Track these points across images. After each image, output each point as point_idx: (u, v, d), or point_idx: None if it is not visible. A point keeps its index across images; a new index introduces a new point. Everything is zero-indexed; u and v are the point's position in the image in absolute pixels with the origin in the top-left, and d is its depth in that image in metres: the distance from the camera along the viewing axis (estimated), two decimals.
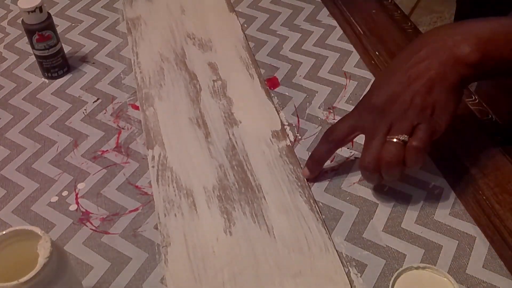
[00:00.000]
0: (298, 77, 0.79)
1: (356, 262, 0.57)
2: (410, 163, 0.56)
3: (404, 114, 0.56)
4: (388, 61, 0.80)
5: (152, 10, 0.92)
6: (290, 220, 0.60)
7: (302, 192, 0.63)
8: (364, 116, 0.59)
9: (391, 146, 0.56)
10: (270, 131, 0.71)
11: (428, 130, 0.56)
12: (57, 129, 0.73)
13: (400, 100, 0.56)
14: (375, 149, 0.57)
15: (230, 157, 0.67)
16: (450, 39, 0.56)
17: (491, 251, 0.57)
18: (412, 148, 0.55)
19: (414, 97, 0.56)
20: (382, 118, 0.57)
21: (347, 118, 0.61)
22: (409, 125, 0.56)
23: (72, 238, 0.60)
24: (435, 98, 0.56)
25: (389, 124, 0.57)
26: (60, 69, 0.80)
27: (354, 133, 0.61)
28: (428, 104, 0.56)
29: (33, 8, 0.73)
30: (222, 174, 0.66)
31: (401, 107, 0.56)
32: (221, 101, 0.75)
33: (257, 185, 0.64)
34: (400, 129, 0.56)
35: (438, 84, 0.56)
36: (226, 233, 0.60)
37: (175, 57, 0.83)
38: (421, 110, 0.56)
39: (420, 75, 0.56)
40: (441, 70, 0.56)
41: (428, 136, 0.56)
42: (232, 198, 0.63)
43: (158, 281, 0.56)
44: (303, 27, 0.88)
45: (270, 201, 0.62)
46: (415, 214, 0.60)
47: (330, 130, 0.62)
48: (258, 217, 0.61)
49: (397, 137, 0.56)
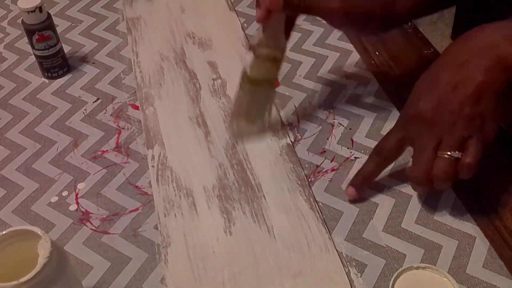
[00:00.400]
0: (298, 77, 0.79)
1: (356, 262, 0.57)
2: (463, 177, 0.55)
3: (453, 127, 0.54)
4: (388, 61, 0.80)
5: (152, 10, 0.92)
6: (290, 220, 0.60)
7: (302, 191, 0.63)
8: (410, 128, 0.57)
9: (443, 163, 0.54)
10: (269, 129, 0.71)
11: (480, 143, 0.54)
12: (57, 129, 0.73)
13: (448, 110, 0.54)
14: (425, 163, 0.55)
15: (230, 156, 0.67)
16: (494, 43, 0.54)
17: (491, 251, 0.57)
18: (466, 165, 0.54)
19: (462, 107, 0.54)
20: (430, 130, 0.55)
21: (394, 132, 0.60)
22: (459, 139, 0.54)
23: (72, 238, 0.60)
24: (484, 107, 0.54)
25: (439, 137, 0.55)
26: (60, 69, 0.80)
27: (404, 146, 0.59)
28: (477, 115, 0.54)
29: (33, 8, 0.73)
30: (222, 173, 0.66)
31: (449, 119, 0.54)
32: (221, 100, 0.75)
33: (257, 184, 0.64)
34: (451, 144, 0.54)
35: (486, 92, 0.53)
36: (226, 233, 0.60)
37: (175, 56, 0.83)
38: (471, 121, 0.54)
39: (466, 83, 0.54)
40: (488, 77, 0.53)
41: (481, 150, 0.54)
42: (232, 197, 0.63)
43: (158, 281, 0.56)
44: (303, 26, 0.88)
45: (270, 201, 0.62)
46: (415, 214, 0.60)
47: (380, 147, 0.60)
48: (258, 217, 0.61)
49: (449, 153, 0.54)
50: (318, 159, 0.67)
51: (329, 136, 0.70)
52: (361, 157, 0.67)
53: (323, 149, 0.68)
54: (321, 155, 0.67)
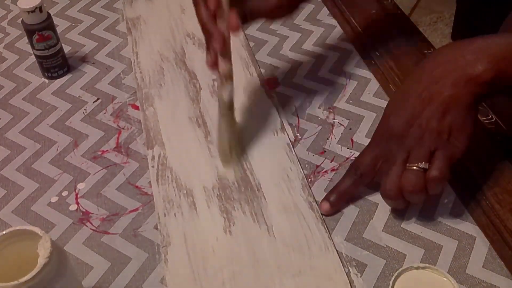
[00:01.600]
0: (298, 77, 0.79)
1: (356, 262, 0.57)
2: (431, 191, 0.56)
3: (421, 140, 0.56)
4: (388, 61, 0.80)
5: (152, 10, 0.92)
6: (289, 219, 0.60)
7: (301, 191, 0.63)
8: (382, 144, 0.59)
9: (411, 175, 0.55)
10: (269, 129, 0.71)
11: (446, 157, 0.55)
12: (57, 129, 0.73)
13: (416, 125, 0.56)
14: (395, 176, 0.56)
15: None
16: (462, 59, 0.55)
17: (491, 251, 0.57)
18: (431, 178, 0.55)
19: (429, 121, 0.55)
20: (400, 145, 0.57)
21: (368, 149, 0.60)
22: (426, 152, 0.55)
23: (72, 238, 0.60)
24: (451, 121, 0.55)
25: (407, 151, 0.56)
26: (60, 69, 0.80)
27: (378, 163, 0.59)
28: (444, 128, 0.55)
29: (33, 8, 0.73)
30: (222, 173, 0.66)
31: (417, 132, 0.56)
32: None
33: (256, 184, 0.64)
34: (418, 157, 0.55)
35: (452, 106, 0.55)
36: (226, 232, 0.60)
37: (175, 56, 0.83)
38: (437, 134, 0.55)
39: (433, 98, 0.55)
40: (454, 91, 0.55)
41: (446, 164, 0.55)
42: (232, 197, 0.63)
43: (158, 281, 0.56)
44: (303, 26, 0.88)
45: (269, 200, 0.62)
46: (415, 214, 0.60)
47: (356, 164, 0.60)
48: (257, 216, 0.61)
49: (417, 165, 0.55)
50: (318, 159, 0.67)
51: (329, 136, 0.70)
52: None
53: (323, 149, 0.68)
54: (321, 155, 0.67)
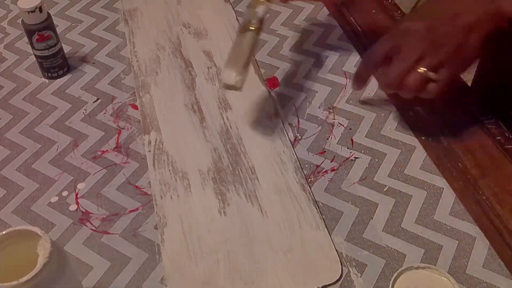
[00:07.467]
0: (298, 77, 0.79)
1: (356, 262, 0.57)
2: (425, 95, 0.61)
3: (438, 50, 0.59)
4: None
5: (149, 1, 0.94)
6: (282, 200, 0.62)
7: (294, 173, 0.65)
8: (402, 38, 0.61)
9: (417, 76, 0.59)
10: (263, 114, 0.72)
11: (453, 74, 0.60)
12: (57, 129, 0.73)
13: (441, 32, 0.59)
14: (402, 70, 0.60)
15: (224, 141, 0.69)
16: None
17: (491, 251, 0.57)
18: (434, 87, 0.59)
19: (452, 37, 0.59)
20: (418, 44, 0.59)
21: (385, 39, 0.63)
22: (440, 62, 0.59)
23: (72, 238, 0.60)
24: (470, 43, 0.58)
25: (422, 52, 0.59)
26: (60, 69, 0.80)
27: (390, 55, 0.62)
28: (462, 49, 0.58)
29: (33, 8, 0.73)
30: (216, 157, 0.67)
31: (439, 41, 0.59)
32: (215, 87, 0.76)
33: (250, 167, 0.66)
34: (431, 64, 0.59)
35: (476, 31, 0.58)
36: (220, 213, 0.61)
37: (171, 45, 0.84)
38: (455, 52, 0.59)
39: (460, 16, 0.58)
40: (483, 18, 0.58)
41: (450, 80, 0.60)
42: (226, 180, 0.65)
43: (158, 281, 0.56)
44: (303, 26, 0.88)
45: (263, 182, 0.64)
46: (415, 214, 0.60)
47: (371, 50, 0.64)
48: (251, 198, 0.63)
49: (425, 70, 0.59)
50: (318, 159, 0.67)
51: (329, 136, 0.70)
52: (361, 157, 0.67)
53: (323, 149, 0.68)
54: (321, 155, 0.68)
